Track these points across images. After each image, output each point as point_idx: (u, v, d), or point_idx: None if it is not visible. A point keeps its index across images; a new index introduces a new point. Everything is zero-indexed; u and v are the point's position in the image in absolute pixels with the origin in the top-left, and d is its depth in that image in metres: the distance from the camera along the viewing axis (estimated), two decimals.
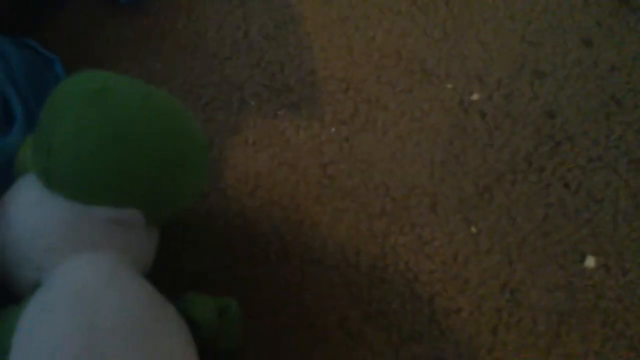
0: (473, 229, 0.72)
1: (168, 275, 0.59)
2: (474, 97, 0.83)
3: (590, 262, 0.70)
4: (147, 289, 0.54)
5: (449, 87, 0.84)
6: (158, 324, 0.51)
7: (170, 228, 0.65)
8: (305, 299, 0.67)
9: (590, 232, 0.72)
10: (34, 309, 0.50)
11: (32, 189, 0.56)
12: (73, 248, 0.54)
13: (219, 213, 0.73)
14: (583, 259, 0.70)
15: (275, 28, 0.89)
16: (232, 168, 0.76)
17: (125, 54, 0.87)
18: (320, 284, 0.68)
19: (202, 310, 0.57)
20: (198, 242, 0.71)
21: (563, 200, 0.74)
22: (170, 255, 0.67)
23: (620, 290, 0.68)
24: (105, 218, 0.54)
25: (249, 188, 0.75)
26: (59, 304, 0.50)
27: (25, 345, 0.48)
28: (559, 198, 0.74)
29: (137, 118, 0.54)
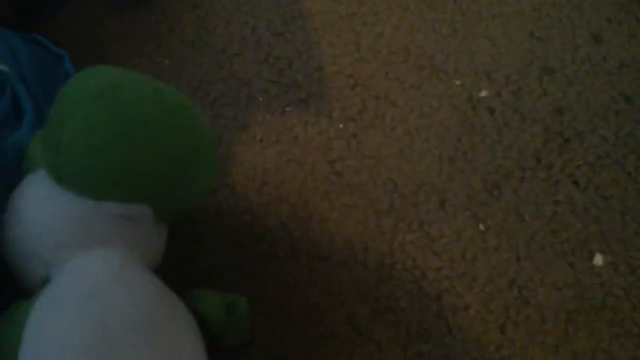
0: (481, 227, 0.72)
1: (177, 272, 0.59)
2: (483, 93, 0.82)
3: (599, 260, 0.70)
4: (156, 285, 0.54)
5: (458, 83, 0.83)
6: (167, 320, 0.51)
7: (180, 225, 0.65)
8: (313, 296, 0.67)
9: (599, 229, 0.72)
10: (44, 305, 0.50)
11: (42, 185, 0.56)
12: (83, 244, 0.54)
13: (227, 210, 0.73)
14: (591, 257, 0.70)
15: (284, 24, 0.89)
16: (240, 165, 0.77)
17: (133, 50, 0.87)
18: (329, 281, 0.68)
19: (210, 307, 0.57)
20: (207, 239, 0.71)
21: (572, 198, 0.74)
22: (180, 252, 0.67)
23: (629, 288, 0.68)
24: (115, 214, 0.54)
25: (257, 185, 0.75)
26: (69, 300, 0.50)
27: (35, 341, 0.48)
28: (568, 195, 0.74)
29: (146, 115, 0.54)
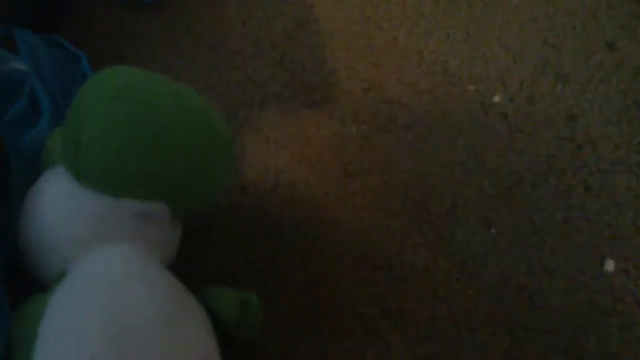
0: (492, 230, 0.72)
1: (190, 270, 0.60)
2: (496, 99, 0.83)
3: (610, 265, 0.70)
4: (171, 282, 0.55)
5: (471, 88, 0.84)
6: (181, 316, 0.52)
7: (193, 223, 0.66)
8: (324, 296, 0.68)
9: (610, 235, 0.72)
10: (61, 299, 0.51)
11: (60, 181, 0.57)
12: (100, 240, 0.55)
13: (240, 209, 0.74)
14: (602, 263, 0.70)
15: (298, 27, 0.90)
16: (253, 165, 0.77)
17: (149, 51, 0.88)
18: (339, 281, 0.69)
19: (223, 303, 0.58)
20: (219, 237, 0.72)
21: (583, 204, 0.74)
22: (193, 250, 0.68)
23: (639, 294, 0.68)
24: (132, 211, 0.55)
25: (270, 185, 0.76)
26: (86, 295, 0.51)
27: (52, 334, 0.49)
28: (580, 201, 0.74)
29: (165, 115, 0.55)
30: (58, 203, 0.56)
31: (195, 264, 0.69)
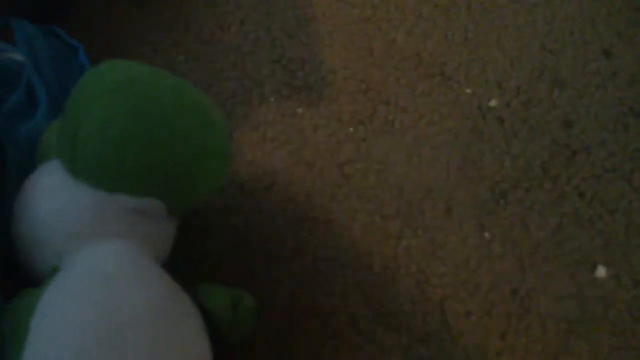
0: (486, 235, 0.73)
1: (184, 267, 0.60)
2: (493, 103, 0.83)
3: (602, 272, 0.70)
4: (164, 279, 0.55)
5: (468, 91, 0.84)
6: (174, 313, 0.52)
7: (188, 220, 0.66)
8: (318, 297, 0.68)
9: (603, 242, 0.72)
10: (54, 294, 0.51)
11: (55, 175, 0.57)
12: (94, 235, 0.55)
13: (236, 207, 0.74)
14: (594, 269, 0.70)
15: (298, 26, 0.90)
16: (249, 163, 0.77)
17: (148, 45, 0.88)
18: (333, 283, 0.69)
19: (216, 301, 0.58)
20: (214, 235, 0.72)
21: (577, 210, 0.75)
22: (187, 248, 0.68)
23: (630, 301, 0.68)
24: (128, 207, 0.55)
25: (266, 184, 0.76)
26: (79, 290, 0.50)
27: (44, 329, 0.49)
28: (573, 207, 0.75)
29: (164, 110, 0.55)
30: (52, 196, 0.56)
31: (190, 262, 0.69)
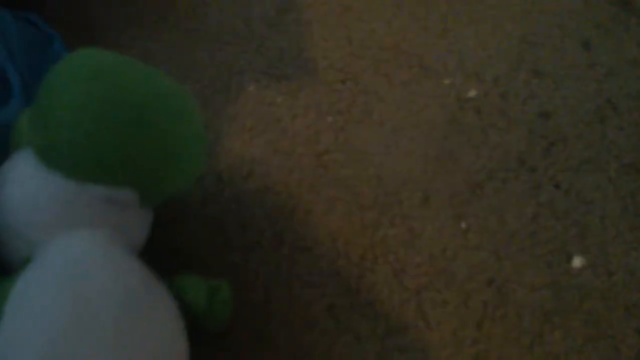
0: (463, 225, 0.73)
1: (160, 257, 0.59)
2: (471, 93, 0.83)
3: (577, 262, 0.71)
4: (138, 268, 0.54)
5: (446, 82, 0.84)
6: (148, 302, 0.52)
7: (165, 210, 0.65)
8: (295, 286, 0.68)
9: (578, 233, 0.73)
10: (25, 283, 0.50)
11: (27, 164, 0.56)
12: (67, 225, 0.54)
13: (213, 197, 0.73)
14: (570, 259, 0.71)
15: (277, 15, 0.89)
16: (227, 153, 0.77)
17: (124, 33, 0.87)
18: (310, 272, 0.69)
19: (191, 291, 0.58)
20: (192, 224, 0.71)
21: (553, 201, 0.75)
22: (163, 237, 0.68)
23: (605, 291, 0.69)
24: (101, 197, 0.54)
25: (244, 173, 0.75)
26: (51, 279, 0.50)
27: (16, 320, 0.48)
28: (549, 198, 0.75)
29: (136, 99, 0.54)
30: (24, 186, 0.56)
31: (167, 252, 0.68)
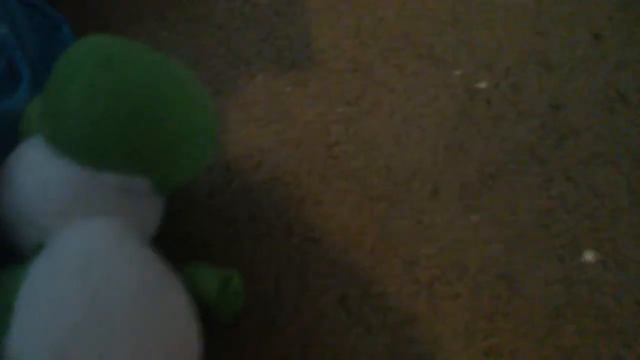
0: (474, 217, 0.72)
1: (171, 246, 0.59)
2: (481, 84, 0.83)
3: (589, 256, 0.70)
4: (151, 257, 0.54)
5: (457, 73, 0.83)
6: (162, 291, 0.51)
7: (172, 200, 0.65)
8: (306, 276, 0.67)
9: (590, 226, 0.72)
10: (39, 272, 0.50)
11: (39, 151, 0.56)
12: (78, 212, 0.54)
13: (223, 187, 0.73)
14: (581, 253, 0.70)
15: (286, 3, 0.88)
16: (236, 142, 0.76)
17: (132, 21, 0.87)
18: (321, 263, 0.68)
19: (203, 280, 0.58)
20: (200, 215, 0.71)
21: (564, 194, 0.75)
22: (174, 227, 0.67)
23: (617, 286, 0.68)
24: (113, 185, 0.54)
25: (253, 163, 0.75)
26: (66, 267, 0.50)
27: (30, 306, 0.48)
28: (561, 191, 0.75)
29: (149, 86, 0.54)
30: (36, 173, 0.55)
31: (177, 242, 0.68)
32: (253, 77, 0.81)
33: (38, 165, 0.55)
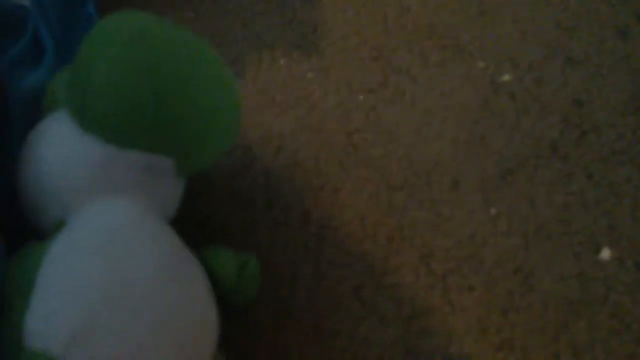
0: (492, 211, 0.72)
1: (190, 229, 0.59)
2: (505, 78, 0.82)
3: (605, 254, 0.70)
4: (172, 237, 0.54)
5: (481, 65, 0.83)
6: (183, 272, 0.52)
7: (195, 182, 0.65)
8: (322, 265, 0.67)
9: (608, 224, 0.72)
10: (60, 249, 0.50)
11: (64, 126, 0.55)
12: (101, 190, 0.54)
13: (242, 171, 0.73)
14: (598, 251, 0.70)
15: None
16: (256, 126, 0.76)
17: (154, 2, 0.86)
18: (337, 251, 0.68)
19: (221, 263, 0.58)
20: (219, 198, 0.71)
21: (584, 190, 0.74)
22: (192, 210, 0.67)
23: (632, 284, 0.68)
24: (137, 164, 0.54)
25: (273, 148, 0.75)
26: (87, 245, 0.50)
27: (51, 283, 0.48)
28: (580, 188, 0.74)
29: (176, 64, 0.53)
30: (60, 148, 0.55)
31: (195, 225, 0.68)
32: (275, 61, 0.81)
33: (62, 141, 0.55)
